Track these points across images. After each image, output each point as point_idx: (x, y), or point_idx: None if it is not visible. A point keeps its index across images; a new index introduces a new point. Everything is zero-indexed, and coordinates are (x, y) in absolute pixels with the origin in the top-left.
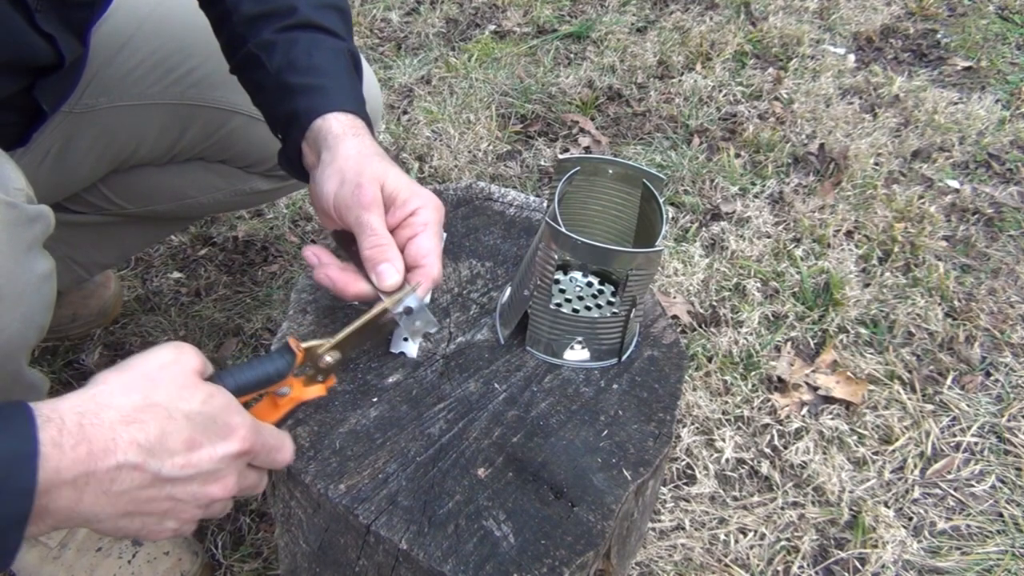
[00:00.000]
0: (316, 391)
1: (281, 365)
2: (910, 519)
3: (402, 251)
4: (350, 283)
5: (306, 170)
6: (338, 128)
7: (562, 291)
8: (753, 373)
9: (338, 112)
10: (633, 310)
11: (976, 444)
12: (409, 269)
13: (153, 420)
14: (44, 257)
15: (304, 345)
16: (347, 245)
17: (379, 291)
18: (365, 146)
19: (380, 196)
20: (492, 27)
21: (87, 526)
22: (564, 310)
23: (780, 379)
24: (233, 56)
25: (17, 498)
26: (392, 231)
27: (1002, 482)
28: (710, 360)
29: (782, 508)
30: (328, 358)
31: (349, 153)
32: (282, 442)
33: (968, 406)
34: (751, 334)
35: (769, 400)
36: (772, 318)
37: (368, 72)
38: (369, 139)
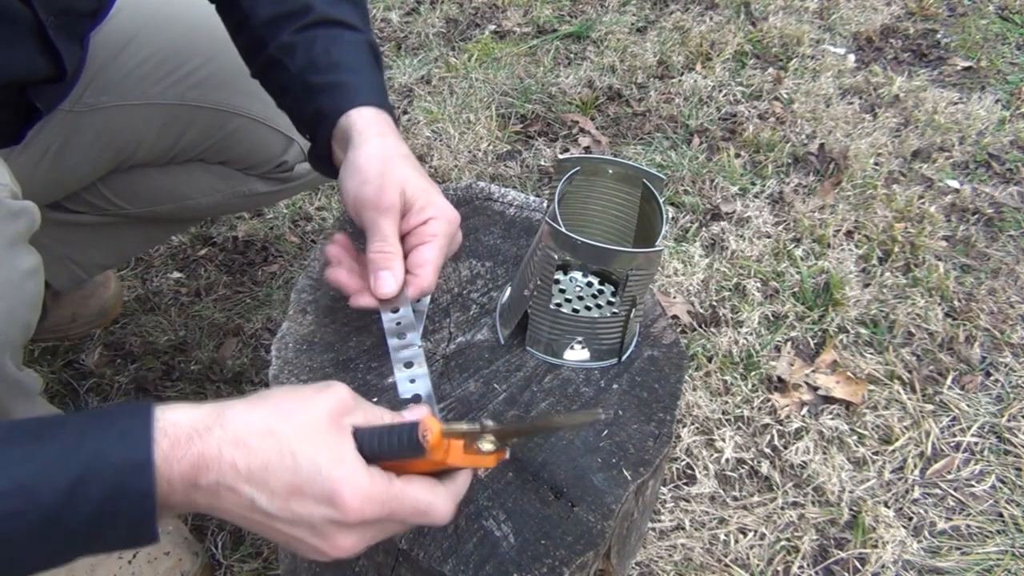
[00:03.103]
0: (480, 461)
1: (407, 446)
2: (910, 519)
3: (406, 257)
4: (356, 295)
5: (337, 168)
6: (363, 125)
7: (562, 291)
8: (753, 373)
9: (362, 107)
10: (633, 310)
11: (976, 444)
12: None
13: (263, 450)
14: (29, 253)
15: (444, 429)
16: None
17: (373, 295)
18: (389, 146)
19: (398, 202)
20: (492, 27)
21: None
22: (564, 310)
23: (780, 379)
24: (254, 61)
25: (141, 500)
26: (402, 237)
27: (1002, 482)
28: (710, 360)
29: (782, 508)
30: (486, 446)
31: (372, 153)
32: (427, 506)
33: (968, 406)
34: (751, 334)
35: (769, 400)
36: (772, 318)
37: None
38: (393, 137)
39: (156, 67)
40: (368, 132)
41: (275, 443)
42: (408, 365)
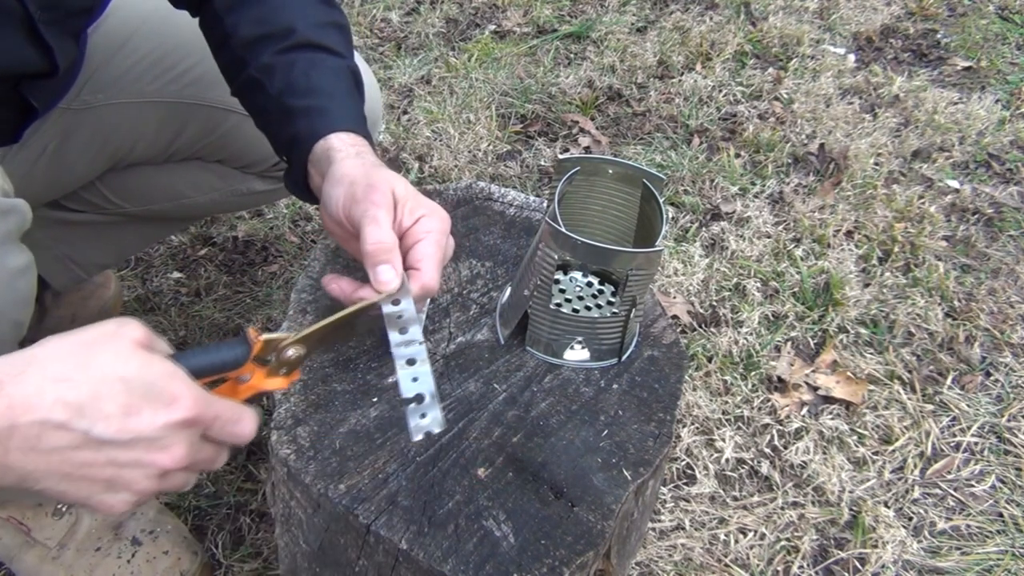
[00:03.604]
0: (277, 383)
1: (238, 353)
2: (910, 519)
3: (403, 256)
4: (359, 290)
5: (313, 192)
6: (340, 145)
7: (562, 291)
8: (753, 373)
9: (340, 132)
10: (633, 310)
11: (976, 444)
12: (405, 272)
13: (85, 381)
14: (19, 251)
15: (263, 337)
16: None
17: (373, 288)
18: (368, 160)
19: (391, 199)
20: (492, 27)
21: (29, 486)
22: (564, 310)
23: (780, 379)
24: (234, 80)
25: None
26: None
27: (1002, 482)
28: (710, 360)
29: (782, 508)
30: (291, 352)
31: (355, 163)
32: (240, 415)
33: (968, 406)
34: (751, 334)
35: (769, 400)
36: (772, 318)
37: (368, 73)
38: (371, 155)
39: (153, 65)
40: (346, 151)
41: (97, 374)
42: (411, 362)
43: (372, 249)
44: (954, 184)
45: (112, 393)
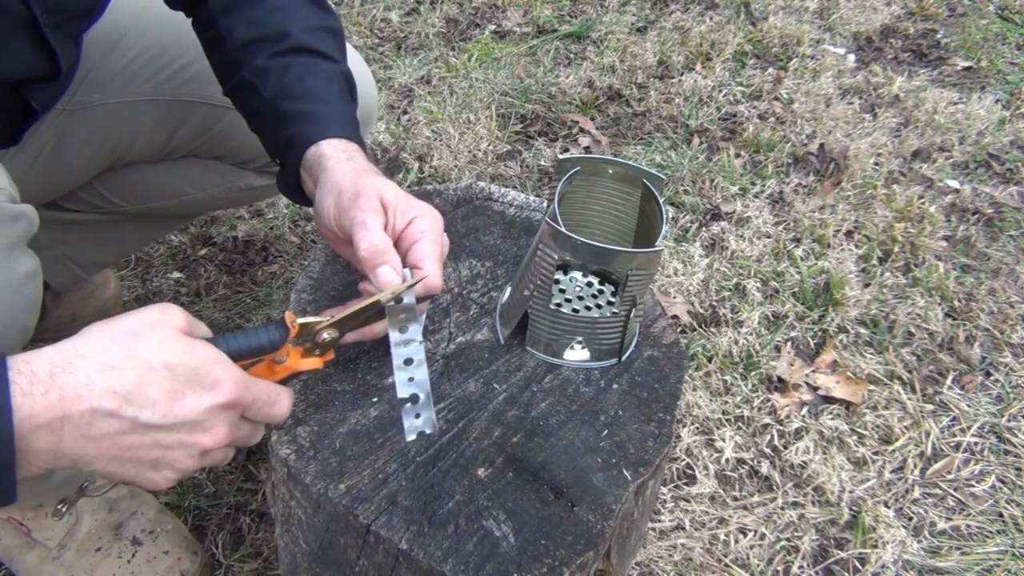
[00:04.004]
0: (312, 363)
1: (276, 337)
2: (910, 519)
3: (401, 259)
4: (363, 281)
5: (306, 196)
6: (331, 152)
7: (562, 291)
8: (753, 373)
9: (332, 139)
10: (633, 310)
11: (976, 444)
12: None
13: (132, 369)
14: (27, 257)
15: (300, 321)
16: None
17: (377, 288)
18: (359, 165)
19: (379, 204)
20: (492, 27)
21: (79, 467)
22: (564, 310)
23: (780, 379)
24: (227, 81)
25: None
26: (393, 243)
27: (1002, 482)
28: (710, 360)
29: (782, 508)
30: (325, 335)
31: (345, 170)
32: (276, 396)
33: (968, 406)
34: (751, 334)
35: (769, 400)
36: (772, 318)
37: (364, 71)
38: (363, 160)
39: (148, 63)
40: (337, 157)
41: (142, 362)
42: (408, 362)
43: (367, 254)
44: (954, 184)
45: (157, 380)
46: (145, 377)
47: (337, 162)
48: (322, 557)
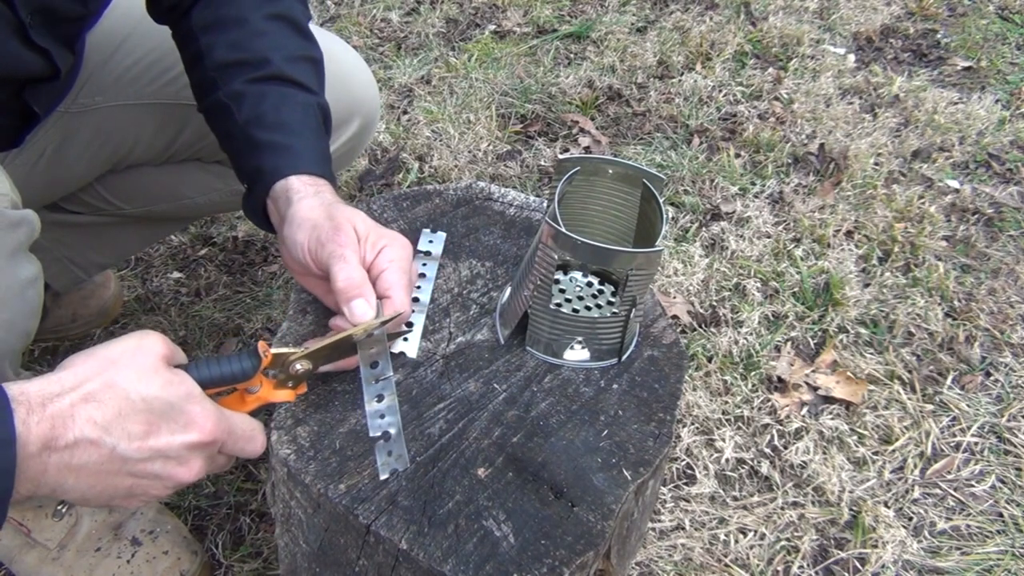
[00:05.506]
0: (284, 395)
1: (247, 366)
2: (910, 519)
3: (372, 287)
4: (335, 317)
5: (270, 223)
6: (299, 187)
7: (562, 291)
8: (753, 373)
9: (303, 174)
10: (633, 310)
11: (976, 444)
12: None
13: (111, 400)
14: (29, 262)
15: (273, 351)
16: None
17: (350, 321)
18: (326, 199)
19: (355, 236)
20: (492, 27)
21: (56, 495)
22: (564, 310)
23: (780, 379)
24: (202, 99)
25: (1, 477)
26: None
27: (1002, 482)
28: (710, 360)
29: (782, 508)
30: (298, 366)
31: (314, 204)
32: (252, 433)
33: (968, 406)
34: (751, 334)
35: (769, 400)
36: (772, 318)
37: (365, 72)
38: (330, 193)
39: (150, 67)
40: (305, 191)
41: (120, 392)
42: (379, 399)
43: (343, 286)
44: (954, 184)
45: (134, 411)
46: (123, 408)
47: (304, 196)
48: (322, 557)
